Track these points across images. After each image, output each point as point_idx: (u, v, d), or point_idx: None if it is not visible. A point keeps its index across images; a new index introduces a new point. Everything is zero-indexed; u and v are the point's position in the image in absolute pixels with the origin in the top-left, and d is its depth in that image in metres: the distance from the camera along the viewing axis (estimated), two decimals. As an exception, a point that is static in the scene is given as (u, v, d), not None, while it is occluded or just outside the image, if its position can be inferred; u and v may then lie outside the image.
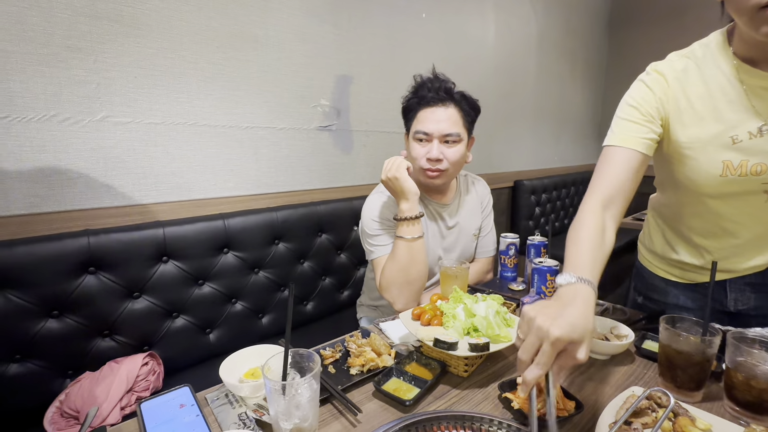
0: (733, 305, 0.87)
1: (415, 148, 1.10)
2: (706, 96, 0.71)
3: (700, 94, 0.72)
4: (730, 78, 0.69)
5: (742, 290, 0.85)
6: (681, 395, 0.67)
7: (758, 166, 0.68)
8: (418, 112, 1.10)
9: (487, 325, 0.75)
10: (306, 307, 1.50)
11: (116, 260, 1.08)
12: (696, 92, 0.72)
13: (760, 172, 0.69)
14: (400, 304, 1.04)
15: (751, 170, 0.69)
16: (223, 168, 1.35)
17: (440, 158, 1.07)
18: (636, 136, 0.74)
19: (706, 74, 0.72)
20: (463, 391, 0.71)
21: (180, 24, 1.20)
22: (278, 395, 0.53)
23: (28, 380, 0.98)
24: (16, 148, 0.99)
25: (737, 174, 0.70)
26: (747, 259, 0.81)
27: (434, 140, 1.07)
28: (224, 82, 1.31)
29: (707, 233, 0.83)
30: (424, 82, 1.11)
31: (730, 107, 0.69)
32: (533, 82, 2.76)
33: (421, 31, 1.92)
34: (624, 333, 0.82)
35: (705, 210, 0.80)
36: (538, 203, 2.76)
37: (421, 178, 1.12)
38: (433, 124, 1.07)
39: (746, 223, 0.77)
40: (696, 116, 0.72)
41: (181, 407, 0.64)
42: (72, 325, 1.03)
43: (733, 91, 0.69)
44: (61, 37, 1.02)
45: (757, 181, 0.70)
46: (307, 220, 1.46)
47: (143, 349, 1.14)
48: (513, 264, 1.24)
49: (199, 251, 1.21)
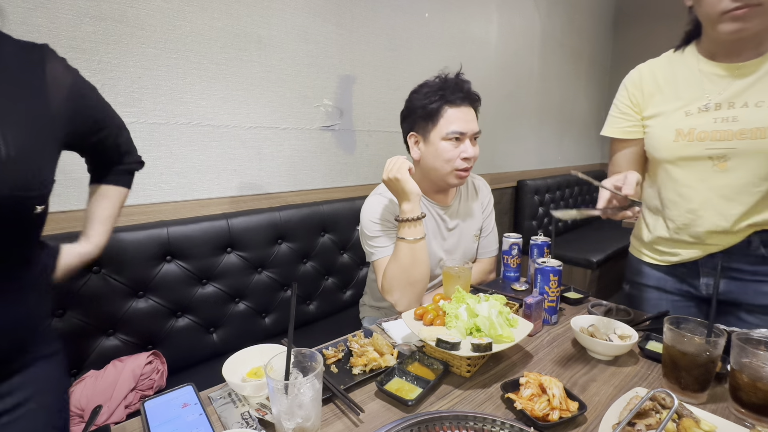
0: (704, 289, 0.98)
1: (447, 149, 1.06)
2: (672, 81, 0.93)
3: (668, 80, 0.94)
4: (692, 68, 0.90)
5: (712, 275, 0.95)
6: (685, 396, 0.66)
7: (702, 134, 0.87)
8: (445, 113, 1.06)
9: (489, 326, 0.75)
10: (309, 307, 1.50)
11: (120, 259, 1.08)
12: (665, 78, 0.94)
13: (703, 138, 0.87)
14: (403, 306, 1.04)
15: (697, 137, 0.87)
16: (226, 168, 1.36)
17: (474, 156, 1.08)
18: (615, 127, 1.03)
19: (675, 66, 0.94)
20: (465, 392, 0.71)
21: (183, 24, 1.20)
22: (281, 394, 0.53)
23: (33, 378, 0.98)
24: (22, 148, 1.00)
25: (686, 140, 0.89)
26: (703, 222, 0.91)
27: (467, 139, 1.07)
28: (227, 83, 1.32)
29: (669, 202, 0.97)
30: (451, 82, 1.09)
31: (688, 89, 0.90)
32: (537, 81, 2.76)
33: (424, 30, 1.92)
34: (627, 333, 0.82)
35: (666, 177, 0.96)
36: (542, 203, 2.75)
37: (451, 179, 1.09)
38: (466, 124, 1.06)
39: (697, 187, 0.90)
40: (662, 97, 0.94)
41: (184, 406, 0.64)
42: (76, 323, 1.03)
43: (692, 77, 0.90)
44: (66, 37, 1.02)
45: (701, 146, 0.87)
46: (310, 220, 1.46)
47: (147, 348, 1.14)
48: (516, 264, 1.24)
49: (202, 251, 1.22)
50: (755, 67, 0.82)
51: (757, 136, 0.81)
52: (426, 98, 1.08)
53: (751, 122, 0.81)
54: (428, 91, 1.09)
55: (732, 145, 0.84)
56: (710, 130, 0.86)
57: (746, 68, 0.83)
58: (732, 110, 0.84)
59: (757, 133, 0.81)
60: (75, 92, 0.70)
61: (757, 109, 0.81)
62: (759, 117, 0.81)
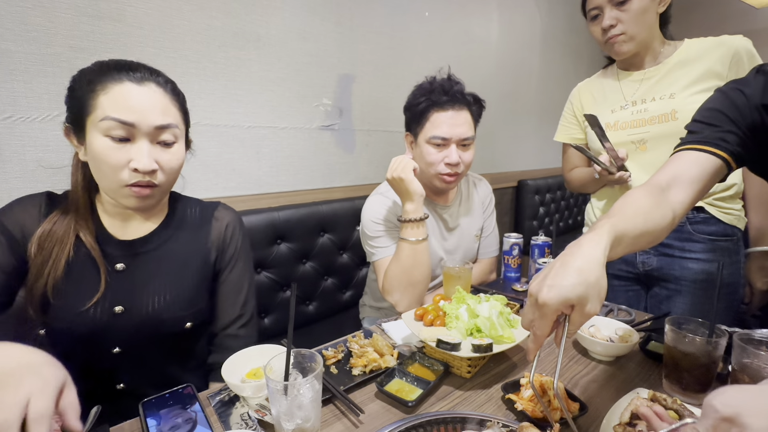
0: (641, 267, 1.16)
1: (431, 153, 1.06)
2: (600, 91, 1.21)
3: (598, 91, 1.22)
4: (613, 80, 1.18)
5: (648, 252, 1.15)
6: (686, 397, 0.66)
7: (624, 124, 1.11)
8: (431, 115, 1.05)
9: (490, 326, 0.75)
10: (308, 308, 1.50)
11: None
12: (596, 90, 1.23)
13: (625, 127, 1.11)
14: (403, 306, 1.03)
15: (620, 126, 1.12)
16: (225, 167, 1.35)
17: (459, 162, 1.05)
18: (564, 134, 1.34)
19: (602, 80, 1.22)
20: (466, 392, 0.70)
21: (182, 23, 1.20)
22: (280, 395, 0.52)
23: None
24: (20, 147, 1.00)
25: (613, 130, 1.13)
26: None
27: (452, 145, 1.05)
28: (226, 82, 1.31)
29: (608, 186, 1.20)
30: (437, 84, 1.07)
31: (612, 95, 1.17)
32: (537, 80, 2.75)
33: (424, 29, 1.92)
34: (629, 334, 0.82)
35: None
36: (542, 203, 2.74)
37: (436, 182, 1.09)
38: (451, 129, 1.04)
39: (630, 167, 1.09)
40: (595, 103, 1.21)
41: (183, 407, 0.64)
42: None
43: (614, 85, 1.17)
44: (64, 37, 1.02)
45: (624, 133, 1.11)
46: (309, 220, 1.45)
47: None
48: (517, 264, 1.23)
49: (201, 251, 1.21)
50: (655, 72, 1.09)
51: (663, 120, 1.04)
52: (415, 99, 1.08)
53: (657, 111, 1.06)
54: (418, 93, 1.09)
55: (646, 129, 1.07)
56: (629, 121, 1.10)
57: (650, 73, 1.10)
58: (644, 104, 1.09)
59: (662, 118, 1.05)
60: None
61: (661, 101, 1.06)
62: (662, 106, 1.05)
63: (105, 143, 0.66)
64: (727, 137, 0.70)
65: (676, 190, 0.68)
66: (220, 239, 0.86)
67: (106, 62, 0.71)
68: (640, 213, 0.63)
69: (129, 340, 0.75)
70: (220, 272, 0.87)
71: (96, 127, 0.66)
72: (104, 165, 0.67)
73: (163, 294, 0.77)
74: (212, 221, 0.86)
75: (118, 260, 0.75)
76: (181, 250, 0.81)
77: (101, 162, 0.67)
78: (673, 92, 1.04)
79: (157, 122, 0.69)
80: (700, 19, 3.32)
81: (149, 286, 0.77)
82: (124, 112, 0.66)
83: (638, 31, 1.03)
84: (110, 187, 0.70)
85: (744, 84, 0.72)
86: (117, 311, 0.74)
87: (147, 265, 0.77)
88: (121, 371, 0.78)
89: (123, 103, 0.67)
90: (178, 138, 0.74)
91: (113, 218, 0.77)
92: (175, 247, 0.81)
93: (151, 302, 0.76)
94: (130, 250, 0.77)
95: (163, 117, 0.70)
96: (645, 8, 1.01)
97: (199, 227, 0.85)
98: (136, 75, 0.69)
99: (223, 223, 0.87)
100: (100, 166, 0.68)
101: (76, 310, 0.71)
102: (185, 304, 0.80)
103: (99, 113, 0.66)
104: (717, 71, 1.00)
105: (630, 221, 0.60)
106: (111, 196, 0.72)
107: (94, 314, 0.72)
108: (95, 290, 0.72)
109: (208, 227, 0.86)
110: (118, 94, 0.67)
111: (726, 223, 1.06)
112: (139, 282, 0.76)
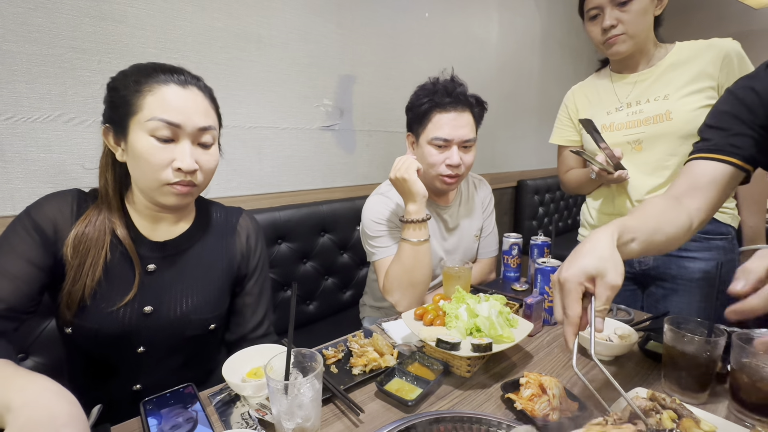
0: (638, 266, 1.17)
1: (432, 154, 1.06)
2: (595, 93, 1.22)
3: (593, 93, 1.23)
4: (607, 82, 1.19)
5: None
6: (685, 396, 0.66)
7: (620, 125, 1.13)
8: (433, 117, 1.05)
9: (489, 326, 0.75)
10: (309, 307, 1.50)
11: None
12: (590, 92, 1.24)
13: (620, 128, 1.13)
14: (403, 306, 1.03)
15: (616, 127, 1.13)
16: (226, 168, 1.35)
17: (460, 164, 1.06)
18: (559, 136, 1.36)
19: (596, 83, 1.23)
20: (465, 392, 0.71)
21: (183, 24, 1.20)
22: (281, 395, 0.53)
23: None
24: (22, 148, 1.00)
25: (609, 131, 1.14)
26: (635, 190, 1.11)
27: (453, 146, 1.05)
28: (227, 82, 1.32)
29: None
30: (440, 85, 1.06)
31: (607, 97, 1.18)
32: (537, 81, 2.75)
33: (425, 30, 1.92)
34: (628, 333, 0.82)
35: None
36: (542, 203, 2.75)
37: (437, 183, 1.10)
38: (453, 130, 1.04)
39: (626, 167, 1.10)
40: (590, 105, 1.23)
41: (183, 406, 0.64)
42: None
43: (608, 88, 1.19)
44: (66, 38, 1.02)
45: (620, 134, 1.13)
46: (309, 220, 1.46)
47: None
48: (516, 264, 1.23)
49: (202, 251, 1.22)
50: (649, 74, 1.10)
51: (658, 120, 1.06)
52: (418, 100, 1.08)
53: (652, 112, 1.07)
54: (421, 93, 1.09)
55: (642, 130, 1.09)
56: (625, 122, 1.12)
57: (643, 75, 1.11)
58: (638, 106, 1.10)
59: (657, 118, 1.06)
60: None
61: (655, 102, 1.08)
62: (656, 107, 1.07)
63: (150, 143, 0.67)
64: (739, 141, 0.69)
65: (691, 199, 0.70)
66: (244, 247, 0.88)
67: (149, 65, 0.71)
68: (653, 213, 0.66)
69: (154, 340, 0.76)
70: (244, 279, 0.88)
71: (142, 126, 0.67)
72: (147, 164, 0.67)
73: (192, 295, 0.78)
74: (237, 228, 0.88)
75: (150, 261, 0.76)
76: (209, 253, 0.82)
77: (145, 161, 0.67)
78: (667, 93, 1.06)
79: (200, 124, 0.70)
80: (699, 19, 3.31)
81: (178, 287, 0.78)
82: (171, 113, 0.67)
83: (638, 32, 1.04)
84: (150, 186, 0.70)
85: (754, 79, 0.71)
86: (146, 311, 0.74)
87: (176, 267, 0.78)
88: (141, 372, 0.78)
89: (169, 104, 0.67)
90: (215, 140, 0.75)
91: (144, 219, 0.77)
92: (203, 249, 0.82)
93: (179, 303, 0.77)
94: (162, 252, 0.77)
95: (205, 119, 0.71)
96: (645, 9, 1.02)
97: (224, 232, 0.86)
98: (181, 78, 0.70)
99: (248, 232, 0.89)
100: (142, 165, 0.68)
101: (107, 310, 0.71)
102: (211, 306, 0.81)
103: (146, 113, 0.66)
104: (709, 72, 1.02)
105: (640, 218, 0.64)
106: (149, 194, 0.72)
107: (124, 314, 0.72)
108: (127, 291, 0.73)
109: (233, 234, 0.87)
110: (165, 95, 0.67)
111: (721, 221, 1.07)
112: (169, 283, 0.77)
